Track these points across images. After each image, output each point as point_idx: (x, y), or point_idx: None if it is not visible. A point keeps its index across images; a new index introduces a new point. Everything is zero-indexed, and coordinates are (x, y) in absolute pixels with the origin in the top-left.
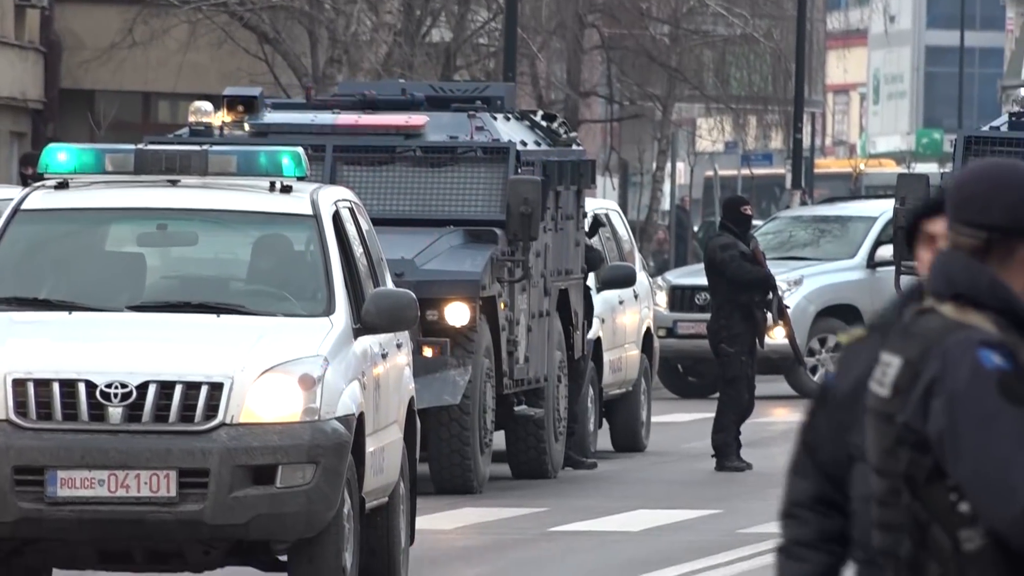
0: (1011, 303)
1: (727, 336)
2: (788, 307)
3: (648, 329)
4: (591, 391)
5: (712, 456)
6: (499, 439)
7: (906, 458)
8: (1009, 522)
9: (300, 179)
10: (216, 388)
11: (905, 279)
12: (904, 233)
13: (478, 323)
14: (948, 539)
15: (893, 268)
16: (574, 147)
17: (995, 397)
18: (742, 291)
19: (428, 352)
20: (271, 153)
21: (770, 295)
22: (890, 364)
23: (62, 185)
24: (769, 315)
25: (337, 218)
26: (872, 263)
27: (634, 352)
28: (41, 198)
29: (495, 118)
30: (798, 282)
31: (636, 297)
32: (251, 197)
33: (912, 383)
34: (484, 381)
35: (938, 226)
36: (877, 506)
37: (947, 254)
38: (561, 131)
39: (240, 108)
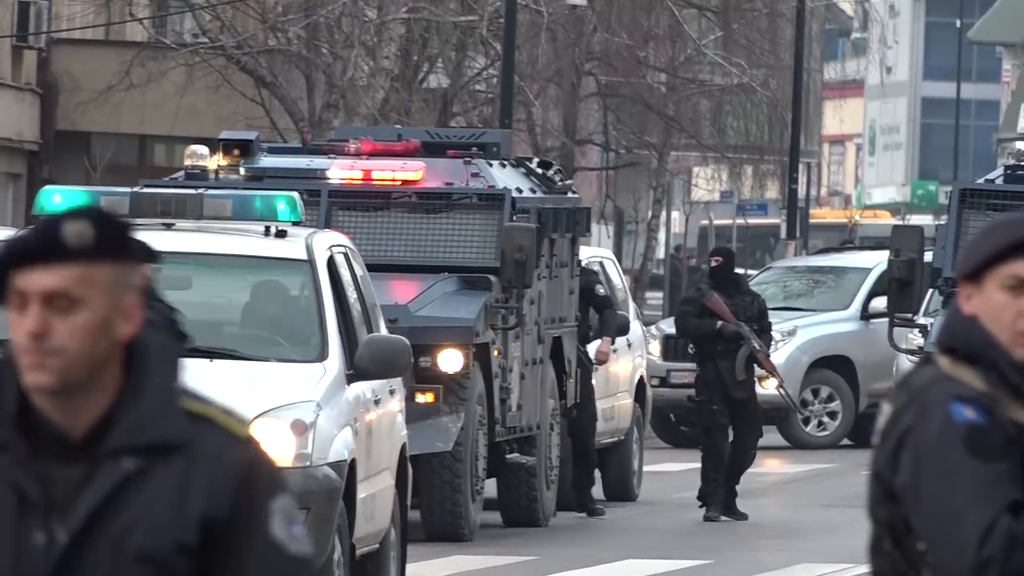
0: (998, 363)
1: (699, 386)
2: (767, 355)
3: (641, 378)
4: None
5: (700, 506)
6: (491, 487)
7: (887, 507)
8: None
9: (295, 224)
10: None
11: (899, 331)
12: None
13: (471, 370)
14: None
15: (887, 320)
16: (569, 194)
17: (959, 451)
18: (703, 343)
19: (421, 398)
20: (266, 197)
21: (743, 343)
22: (884, 412)
23: None
24: (737, 366)
25: (332, 263)
26: (866, 315)
27: (627, 401)
28: None
29: (491, 165)
30: (791, 332)
31: (629, 346)
32: (246, 241)
33: (891, 432)
34: (476, 428)
35: (31, 281)
36: (868, 553)
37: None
38: (557, 178)
39: (236, 152)
